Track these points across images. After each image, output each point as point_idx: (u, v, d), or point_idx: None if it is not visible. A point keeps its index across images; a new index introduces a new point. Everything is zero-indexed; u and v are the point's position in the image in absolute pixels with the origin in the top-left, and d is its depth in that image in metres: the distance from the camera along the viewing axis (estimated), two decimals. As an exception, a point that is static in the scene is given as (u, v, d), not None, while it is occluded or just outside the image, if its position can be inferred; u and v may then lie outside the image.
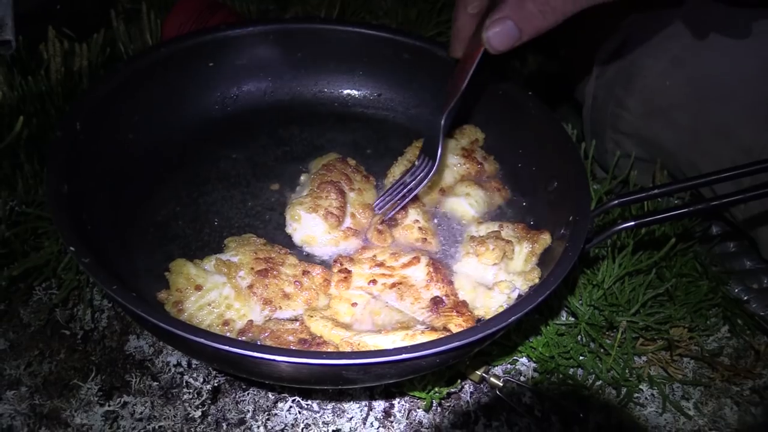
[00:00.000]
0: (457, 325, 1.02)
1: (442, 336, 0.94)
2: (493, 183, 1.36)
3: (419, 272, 1.13)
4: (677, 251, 1.43)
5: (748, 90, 1.32)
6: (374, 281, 1.12)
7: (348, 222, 1.25)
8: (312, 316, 1.05)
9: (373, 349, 0.98)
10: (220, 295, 1.08)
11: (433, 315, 1.05)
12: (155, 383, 1.17)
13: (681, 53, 1.40)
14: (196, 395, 1.15)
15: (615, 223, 1.12)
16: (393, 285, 1.11)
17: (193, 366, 1.19)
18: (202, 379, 1.17)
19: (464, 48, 1.15)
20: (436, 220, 1.31)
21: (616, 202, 1.15)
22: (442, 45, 1.45)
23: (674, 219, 1.18)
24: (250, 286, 1.09)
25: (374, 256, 1.17)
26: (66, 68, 1.55)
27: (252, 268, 1.11)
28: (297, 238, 1.24)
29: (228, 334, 1.04)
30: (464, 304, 1.08)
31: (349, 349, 0.99)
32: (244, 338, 1.04)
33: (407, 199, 1.24)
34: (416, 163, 1.27)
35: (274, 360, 0.86)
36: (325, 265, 1.19)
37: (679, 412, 1.25)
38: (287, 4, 2.05)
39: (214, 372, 1.19)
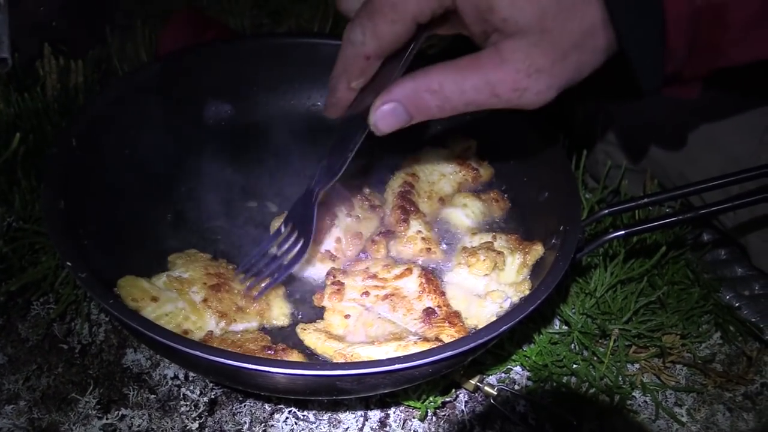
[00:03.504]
0: (449, 335, 1.02)
1: (435, 346, 0.95)
2: (491, 194, 1.36)
3: (411, 283, 1.13)
4: (669, 259, 1.44)
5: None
6: (367, 293, 1.13)
7: (330, 245, 1.23)
8: (305, 329, 1.06)
9: (366, 360, 0.99)
10: (176, 308, 1.08)
11: (426, 326, 1.06)
12: (153, 396, 1.18)
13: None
14: (193, 407, 1.16)
15: (606, 232, 1.13)
16: (386, 297, 1.12)
17: (190, 378, 1.20)
18: (199, 392, 1.18)
19: (342, 113, 1.05)
20: (435, 230, 1.31)
21: (606, 211, 1.16)
22: (437, 59, 1.47)
23: (664, 227, 1.20)
24: (204, 300, 1.10)
25: (367, 268, 1.18)
26: (62, 85, 1.57)
27: (204, 283, 1.12)
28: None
29: None
30: (456, 314, 1.09)
31: (342, 361, 1.00)
32: None
33: (280, 278, 1.14)
34: (281, 230, 1.16)
35: (269, 372, 0.87)
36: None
37: (672, 418, 1.26)
38: (281, 18, 2.06)
39: (211, 384, 1.19)
